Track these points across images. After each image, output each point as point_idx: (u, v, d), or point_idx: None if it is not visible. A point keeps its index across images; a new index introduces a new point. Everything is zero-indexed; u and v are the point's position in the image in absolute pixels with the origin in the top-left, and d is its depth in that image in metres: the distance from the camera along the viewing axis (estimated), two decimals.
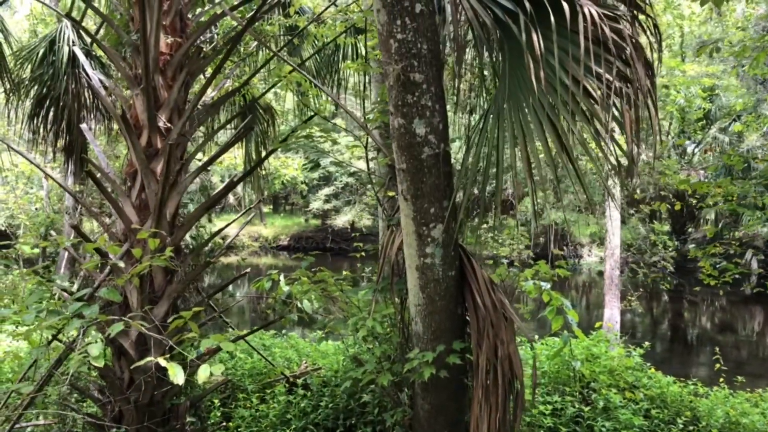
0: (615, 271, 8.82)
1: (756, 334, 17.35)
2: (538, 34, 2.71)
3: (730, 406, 5.63)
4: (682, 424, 5.30)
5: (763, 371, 12.93)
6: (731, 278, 5.86)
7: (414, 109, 2.95)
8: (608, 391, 5.35)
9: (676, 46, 16.00)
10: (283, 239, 27.83)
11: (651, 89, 3.02)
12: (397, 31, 2.84)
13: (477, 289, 3.42)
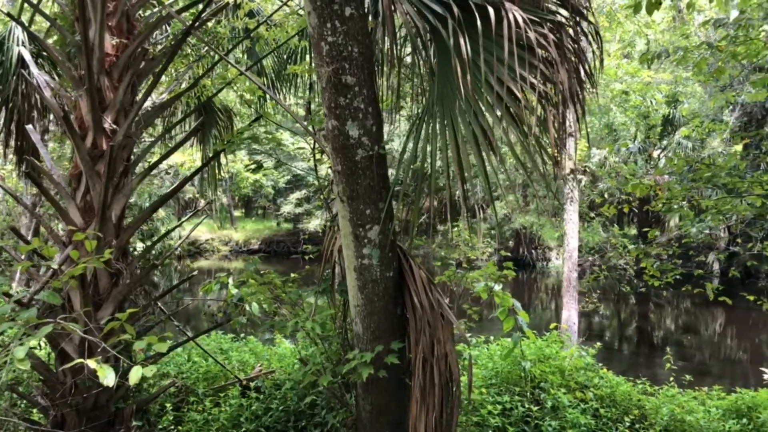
0: (573, 273, 8.95)
1: (717, 335, 17.73)
2: (466, 37, 2.77)
3: (676, 404, 5.76)
4: (629, 422, 5.41)
5: (720, 370, 13.22)
6: (672, 278, 6.00)
7: (347, 111, 2.99)
8: (558, 391, 5.44)
9: (637, 53, 16.30)
10: (254, 243, 27.67)
11: (579, 92, 3.10)
12: (328, 34, 2.87)
13: (415, 289, 3.46)
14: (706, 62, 5.13)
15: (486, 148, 2.91)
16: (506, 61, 2.69)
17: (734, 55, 4.93)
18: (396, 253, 3.47)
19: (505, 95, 2.75)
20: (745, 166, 5.32)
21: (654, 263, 6.03)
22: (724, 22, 4.31)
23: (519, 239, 26.91)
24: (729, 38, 4.65)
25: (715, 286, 6.20)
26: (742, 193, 5.03)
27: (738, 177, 5.19)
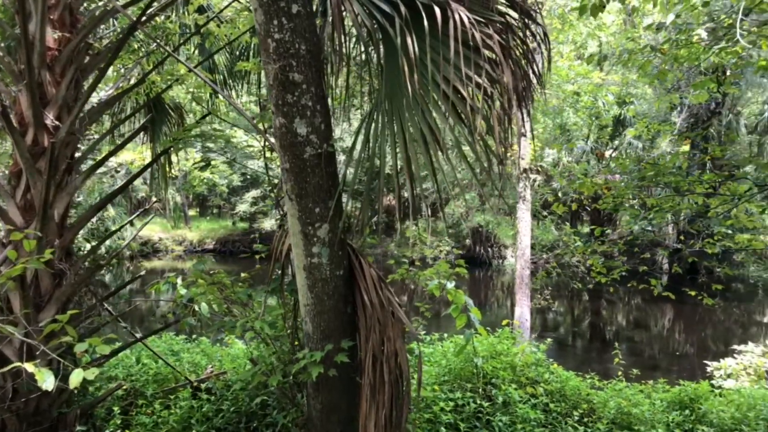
0: (525, 271, 9.10)
1: (666, 330, 18.29)
2: (413, 36, 2.78)
3: (623, 398, 5.92)
4: (578, 416, 5.53)
5: (668, 364, 13.64)
6: (619, 275, 6.17)
7: (294, 109, 2.97)
8: (509, 386, 5.52)
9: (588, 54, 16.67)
10: (209, 242, 27.25)
11: (525, 93, 3.15)
12: (275, 31, 2.85)
13: (365, 287, 3.46)
14: (650, 64, 5.28)
15: (434, 147, 2.93)
16: (452, 61, 2.71)
17: (676, 58, 5.08)
18: (346, 252, 3.47)
19: (451, 94, 2.78)
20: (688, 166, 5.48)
21: (600, 260, 6.19)
22: (666, 25, 4.44)
23: (475, 237, 27.22)
24: (671, 42, 4.80)
25: (661, 282, 6.39)
26: (685, 192, 5.20)
27: (681, 176, 5.36)
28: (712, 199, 5.40)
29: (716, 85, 5.03)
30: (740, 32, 3.74)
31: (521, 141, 9.12)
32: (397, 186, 3.15)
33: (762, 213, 5.31)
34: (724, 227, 5.22)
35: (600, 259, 6.29)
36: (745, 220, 5.53)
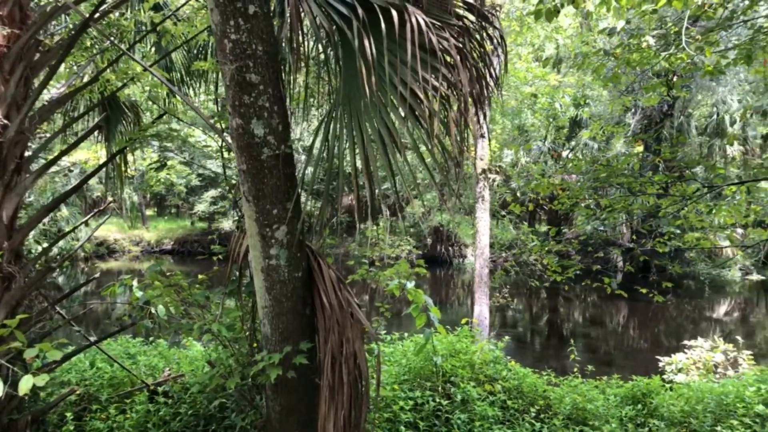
0: (484, 270, 9.22)
1: (621, 326, 18.74)
2: (371, 39, 2.80)
3: (579, 394, 6.05)
4: (534, 412, 5.64)
5: (622, 360, 13.99)
6: (573, 273, 6.32)
7: (251, 110, 2.95)
8: (467, 384, 5.59)
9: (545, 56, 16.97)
10: (167, 243, 26.75)
11: (481, 95, 3.20)
12: (231, 32, 2.83)
13: (324, 289, 3.46)
14: (603, 68, 5.41)
15: (392, 148, 2.96)
16: (409, 64, 2.74)
17: (629, 62, 5.22)
18: (305, 253, 3.47)
19: (409, 96, 2.80)
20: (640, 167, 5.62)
21: (555, 259, 6.32)
22: (617, 31, 4.57)
23: (436, 237, 27.43)
24: (623, 46, 4.93)
25: (615, 280, 6.57)
26: (637, 193, 5.35)
27: (633, 177, 5.51)
28: (663, 199, 5.57)
29: (666, 88, 5.19)
30: (686, 39, 3.88)
31: (480, 142, 9.24)
32: (356, 187, 3.16)
33: (709, 213, 5.51)
34: (674, 227, 5.40)
35: (555, 259, 6.43)
36: (694, 219, 5.72)
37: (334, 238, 5.11)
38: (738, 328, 17.86)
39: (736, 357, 9.42)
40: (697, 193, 5.31)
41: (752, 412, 5.98)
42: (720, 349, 9.56)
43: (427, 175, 3.01)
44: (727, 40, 6.21)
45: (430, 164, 3.19)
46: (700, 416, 5.96)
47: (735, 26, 5.46)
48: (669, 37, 4.76)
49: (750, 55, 5.55)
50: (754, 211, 6.26)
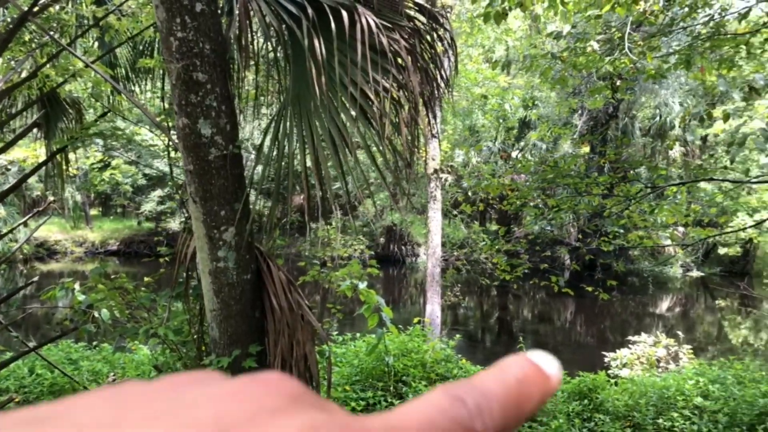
0: (436, 269, 9.29)
1: (568, 322, 19.20)
2: (320, 39, 2.77)
3: None
4: None
5: (570, 356, 14.33)
6: (522, 272, 6.45)
7: (198, 109, 2.89)
8: (419, 383, 5.63)
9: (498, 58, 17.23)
10: (113, 244, 25.99)
11: (432, 96, 3.22)
12: (177, 29, 2.76)
13: (274, 291, 3.42)
14: (551, 70, 5.52)
15: (343, 149, 2.94)
16: (359, 64, 2.73)
17: (575, 65, 5.34)
18: (254, 255, 3.41)
19: (359, 97, 2.79)
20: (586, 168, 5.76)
21: (504, 258, 6.42)
22: (563, 35, 4.67)
23: (389, 236, 27.51)
24: (570, 50, 5.04)
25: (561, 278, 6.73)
26: (582, 193, 5.48)
27: (579, 178, 5.65)
28: (607, 199, 5.72)
29: (611, 91, 5.33)
30: (629, 45, 4.00)
31: (432, 142, 9.30)
32: (306, 187, 3.13)
33: (651, 213, 5.68)
34: (616, 226, 5.56)
35: (504, 258, 6.53)
36: (637, 219, 5.89)
37: (285, 239, 5.06)
38: (679, 323, 18.53)
39: (677, 351, 9.77)
40: (640, 193, 5.47)
41: (691, 405, 6.21)
42: (662, 344, 9.90)
43: (379, 174, 3.01)
44: (668, 46, 6.43)
45: (382, 165, 3.19)
46: (643, 410, 6.15)
47: (675, 32, 5.65)
48: (613, 42, 4.89)
49: (689, 61, 5.76)
50: (694, 210, 6.50)
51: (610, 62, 4.90)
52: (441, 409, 0.22)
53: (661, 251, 25.02)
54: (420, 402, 0.23)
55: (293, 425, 0.19)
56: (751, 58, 6.35)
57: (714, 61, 6.05)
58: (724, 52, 5.95)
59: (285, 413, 0.20)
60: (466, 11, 12.52)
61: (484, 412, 0.22)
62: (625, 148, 19.90)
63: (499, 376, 0.24)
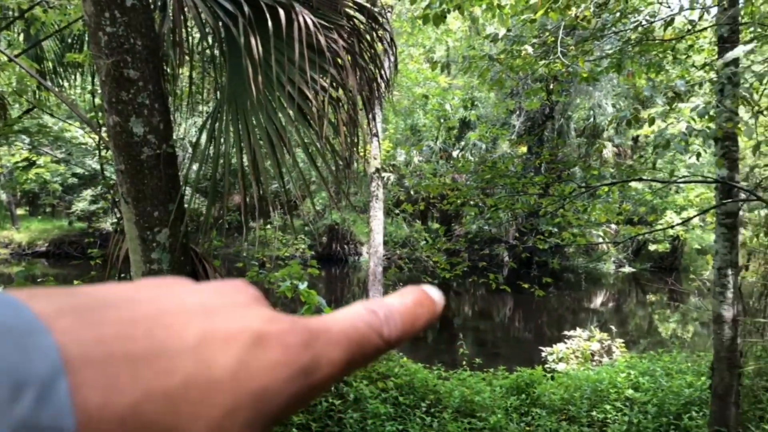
0: (378, 268, 9.32)
1: (507, 318, 19.62)
2: (257, 37, 2.73)
3: (467, 387, 6.27)
4: (425, 406, 5.77)
5: (509, 351, 14.65)
6: (461, 270, 6.56)
7: (130, 107, 2.79)
8: (360, 383, 5.63)
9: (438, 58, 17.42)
10: (41, 245, 24.87)
11: (370, 96, 3.23)
12: (106, 24, 2.66)
13: None
14: (488, 72, 5.62)
15: (281, 148, 2.91)
16: (297, 63, 2.70)
17: (512, 67, 5.46)
18: (189, 257, 3.33)
19: (297, 96, 2.77)
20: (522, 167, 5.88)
21: (443, 257, 6.51)
22: (500, 38, 4.77)
23: (332, 235, 27.42)
24: (506, 52, 5.15)
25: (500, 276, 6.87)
26: (519, 192, 5.61)
27: (516, 178, 5.78)
28: (543, 199, 5.87)
29: (546, 93, 5.47)
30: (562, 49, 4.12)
31: (373, 141, 9.32)
32: (243, 186, 3.08)
33: (585, 211, 5.87)
34: (551, 225, 5.72)
35: (443, 257, 6.61)
36: (571, 217, 6.08)
37: (222, 240, 4.97)
38: (612, 317, 19.22)
39: (610, 345, 10.13)
40: (574, 192, 5.64)
41: (623, 396, 6.45)
42: (596, 338, 10.24)
43: (318, 174, 3.00)
44: (601, 50, 6.65)
45: (321, 164, 3.17)
46: (578, 403, 6.35)
47: (607, 37, 5.85)
48: (548, 45, 5.03)
49: (620, 65, 5.98)
50: (625, 209, 6.75)
51: (545, 65, 5.03)
52: (360, 316, 0.30)
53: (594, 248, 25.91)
54: (346, 311, 0.30)
55: (260, 315, 0.26)
56: (677, 62, 6.65)
57: (643, 65, 6.31)
58: (652, 57, 6.20)
59: (252, 307, 0.27)
60: (407, 11, 12.61)
61: (390, 322, 0.30)
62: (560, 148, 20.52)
63: (401, 299, 0.32)
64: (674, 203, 20.88)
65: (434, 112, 14.30)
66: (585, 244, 6.76)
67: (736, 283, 5.34)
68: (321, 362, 0.26)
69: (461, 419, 5.72)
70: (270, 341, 0.25)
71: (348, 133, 2.90)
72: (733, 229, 5.28)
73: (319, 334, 0.27)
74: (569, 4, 4.28)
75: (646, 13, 5.30)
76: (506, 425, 5.69)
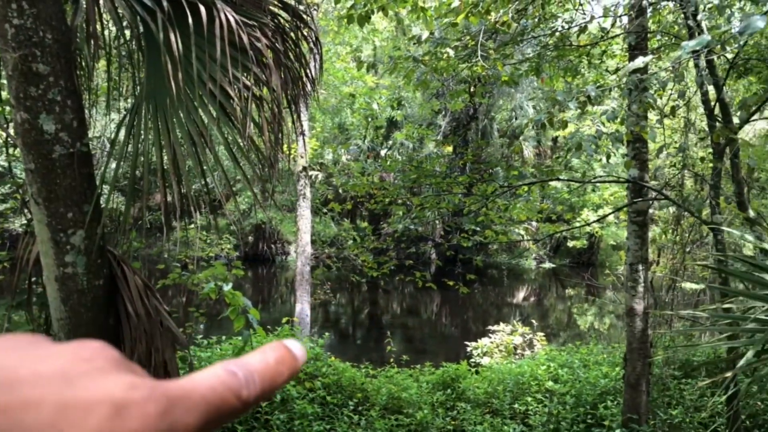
0: (306, 267, 9.27)
1: (435, 315, 19.94)
2: (176, 32, 2.67)
3: (394, 384, 6.34)
4: (353, 405, 5.79)
5: (436, 347, 14.90)
6: (388, 269, 6.64)
7: (39, 104, 2.66)
8: (286, 384, 5.59)
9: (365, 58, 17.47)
10: None
11: (296, 93, 3.21)
12: (13, 16, 2.53)
13: (129, 297, 3.24)
14: (413, 73, 5.70)
15: (202, 146, 2.85)
16: (219, 60, 2.66)
17: (436, 69, 5.56)
18: (107, 259, 3.21)
19: (219, 94, 2.72)
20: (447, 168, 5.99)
21: (370, 256, 6.55)
22: (423, 40, 4.85)
23: (259, 234, 27.02)
24: (431, 54, 5.24)
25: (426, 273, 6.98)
26: (444, 192, 5.72)
27: (441, 178, 5.88)
28: (467, 198, 6.01)
29: (469, 95, 5.60)
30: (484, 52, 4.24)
31: (300, 140, 9.25)
32: (163, 185, 3.00)
33: (506, 210, 6.06)
34: (474, 224, 5.87)
35: (370, 255, 6.65)
36: (494, 216, 6.25)
37: (142, 241, 4.81)
38: (534, 311, 19.89)
39: (531, 339, 10.49)
40: (496, 192, 5.81)
41: (543, 388, 6.69)
42: (518, 332, 10.58)
43: (241, 173, 2.96)
44: (521, 54, 6.87)
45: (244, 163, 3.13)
46: (501, 396, 6.54)
47: (526, 42, 6.06)
48: (469, 48, 5.15)
49: (538, 68, 6.20)
50: (544, 208, 7.00)
51: (468, 68, 5.15)
52: (219, 379, 0.30)
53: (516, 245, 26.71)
54: (205, 372, 0.30)
55: (120, 382, 0.26)
56: (592, 67, 6.96)
57: (560, 69, 6.57)
58: (568, 62, 6.47)
59: (111, 373, 0.26)
60: (333, 9, 12.58)
61: (249, 383, 0.30)
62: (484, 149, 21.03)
63: (262, 357, 0.32)
64: (590, 202, 21.84)
65: (362, 111, 14.36)
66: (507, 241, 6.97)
67: (646, 278, 5.65)
68: (178, 428, 0.26)
69: (388, 416, 5.77)
70: (130, 411, 0.25)
71: (272, 131, 2.87)
72: (644, 226, 5.58)
73: (178, 400, 0.27)
74: (489, 9, 4.40)
75: (562, 20, 5.52)
76: (432, 420, 5.80)
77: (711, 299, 8.47)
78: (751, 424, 5.73)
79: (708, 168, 5.47)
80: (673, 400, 6.11)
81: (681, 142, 5.54)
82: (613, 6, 5.26)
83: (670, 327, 7.10)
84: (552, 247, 28.94)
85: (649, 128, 4.24)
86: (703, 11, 4.52)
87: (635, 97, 3.87)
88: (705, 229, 6.24)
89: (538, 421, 5.99)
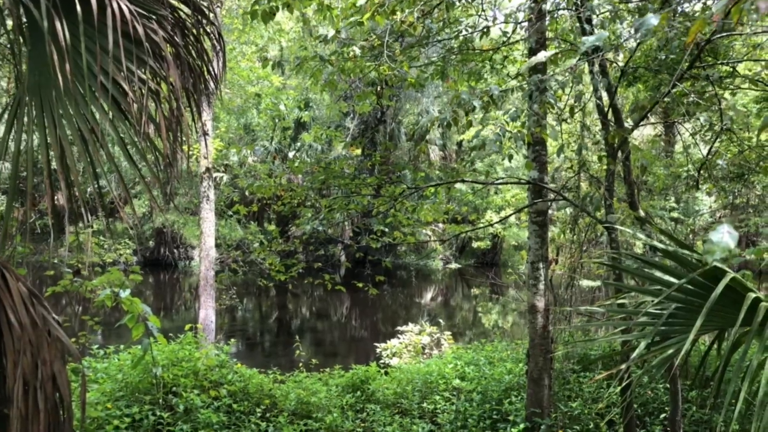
0: (210, 272, 8.98)
1: (345, 317, 19.90)
2: (63, 21, 2.48)
3: (303, 388, 6.24)
4: (260, 412, 5.65)
5: (346, 350, 14.88)
6: (296, 272, 6.55)
7: None
8: (191, 393, 5.37)
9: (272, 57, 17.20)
10: None
11: (197, 90, 3.08)
12: None
13: (11, 305, 2.98)
14: (320, 73, 5.64)
15: (94, 144, 2.67)
16: (111, 52, 2.50)
17: (343, 69, 5.53)
18: None
19: (111, 88, 2.56)
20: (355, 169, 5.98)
21: (277, 259, 6.44)
22: (328, 39, 4.81)
23: (160, 238, 25.97)
24: (337, 54, 5.20)
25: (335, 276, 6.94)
26: (352, 194, 5.71)
27: (350, 179, 5.86)
28: (376, 199, 6.02)
29: (376, 98, 5.62)
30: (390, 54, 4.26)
31: (203, 140, 8.95)
32: (49, 185, 2.79)
33: (413, 212, 6.13)
34: (383, 225, 5.90)
35: (277, 258, 6.54)
36: (401, 217, 6.30)
37: (30, 246, 4.48)
38: (441, 311, 20.30)
39: (439, 338, 10.68)
40: (404, 193, 5.86)
41: (451, 386, 6.82)
42: (426, 332, 10.74)
43: (146, 172, 2.80)
44: (427, 57, 6.98)
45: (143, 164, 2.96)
46: (410, 396, 6.60)
47: (432, 45, 6.15)
48: (375, 49, 5.16)
49: (444, 72, 6.32)
50: (450, 209, 7.14)
51: (374, 68, 5.16)
52: None
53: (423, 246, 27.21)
54: None
55: None
56: (495, 72, 7.18)
57: (464, 73, 6.72)
58: (472, 66, 6.63)
59: None
60: (238, 7, 12.30)
61: None
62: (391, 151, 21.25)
63: None
64: (493, 203, 22.60)
65: (268, 111, 14.11)
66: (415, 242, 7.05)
67: (547, 276, 5.88)
68: None
69: (297, 421, 5.68)
70: None
71: (171, 129, 2.73)
72: (544, 226, 5.81)
73: None
74: (395, 9, 4.43)
75: (466, 24, 5.65)
76: (342, 423, 5.75)
77: (606, 295, 8.97)
78: (643, 412, 6.10)
79: (602, 170, 5.77)
80: (573, 393, 6.39)
81: (578, 144, 5.82)
82: (514, 12, 5.45)
83: (570, 323, 7.44)
84: (458, 247, 29.71)
85: (550, 128, 4.42)
86: (597, 16, 4.77)
87: (536, 98, 4.02)
88: (600, 229, 6.59)
89: (447, 419, 6.09)
